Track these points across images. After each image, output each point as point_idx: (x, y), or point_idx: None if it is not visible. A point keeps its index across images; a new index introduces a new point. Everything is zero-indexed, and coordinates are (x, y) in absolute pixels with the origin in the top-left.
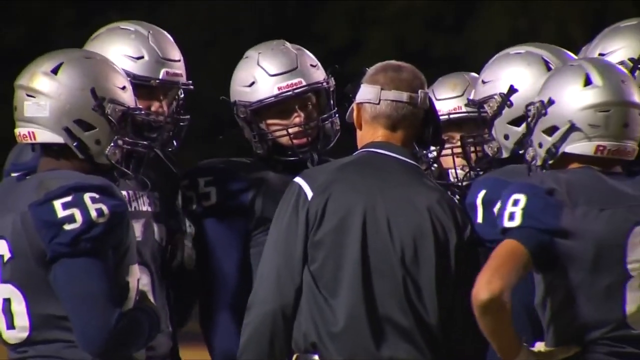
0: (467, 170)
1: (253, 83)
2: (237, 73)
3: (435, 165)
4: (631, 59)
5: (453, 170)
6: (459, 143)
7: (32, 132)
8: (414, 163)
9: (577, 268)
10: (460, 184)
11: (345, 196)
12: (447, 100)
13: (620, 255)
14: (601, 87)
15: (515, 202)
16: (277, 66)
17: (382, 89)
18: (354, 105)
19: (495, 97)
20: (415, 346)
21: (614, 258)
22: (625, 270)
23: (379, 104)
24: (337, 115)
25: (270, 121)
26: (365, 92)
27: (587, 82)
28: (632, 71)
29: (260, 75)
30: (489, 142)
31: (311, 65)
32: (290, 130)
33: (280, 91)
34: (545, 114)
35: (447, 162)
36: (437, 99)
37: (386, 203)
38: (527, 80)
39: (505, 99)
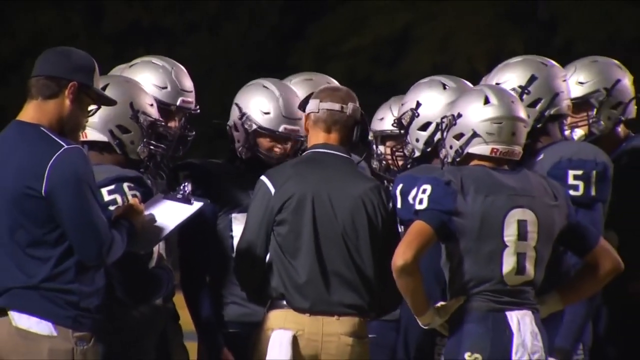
0: (395, 170)
1: (268, 113)
2: (254, 95)
3: (384, 162)
4: (520, 86)
5: (394, 166)
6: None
7: (85, 133)
8: (348, 157)
9: (467, 239)
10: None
11: (298, 186)
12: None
13: (499, 230)
14: (496, 105)
15: (424, 191)
16: (290, 112)
17: (320, 101)
18: (304, 117)
19: (408, 112)
20: (358, 293)
21: (495, 232)
22: (503, 241)
23: (318, 112)
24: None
25: (260, 139)
26: (310, 105)
27: (486, 101)
28: (520, 95)
29: (276, 112)
30: (406, 146)
31: (302, 117)
32: (274, 156)
33: (285, 131)
34: (455, 124)
35: (390, 159)
36: (384, 117)
37: (328, 189)
38: (429, 97)
39: (414, 112)
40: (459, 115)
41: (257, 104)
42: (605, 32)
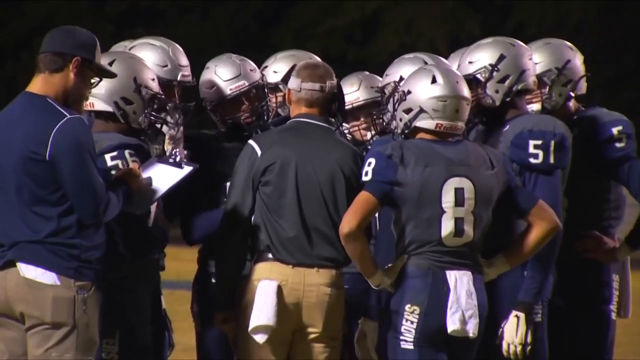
0: (373, 134)
1: (213, 86)
2: (202, 79)
3: (350, 136)
4: (490, 64)
5: (361, 137)
6: (362, 121)
7: (92, 103)
8: (327, 126)
9: (408, 206)
10: (367, 145)
11: (282, 151)
12: (349, 94)
13: (437, 197)
14: (442, 84)
15: (369, 164)
16: (228, 74)
17: (302, 81)
18: (286, 89)
19: (391, 83)
20: (335, 247)
21: (434, 199)
22: (441, 207)
23: (300, 91)
24: (268, 101)
25: (227, 110)
26: (292, 82)
27: (434, 80)
28: (490, 72)
29: (217, 81)
30: (386, 113)
31: (250, 70)
32: (242, 116)
33: (232, 91)
34: (405, 99)
35: (356, 134)
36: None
37: (310, 153)
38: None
39: (397, 84)
40: (409, 92)
41: (203, 84)
42: (554, 16)
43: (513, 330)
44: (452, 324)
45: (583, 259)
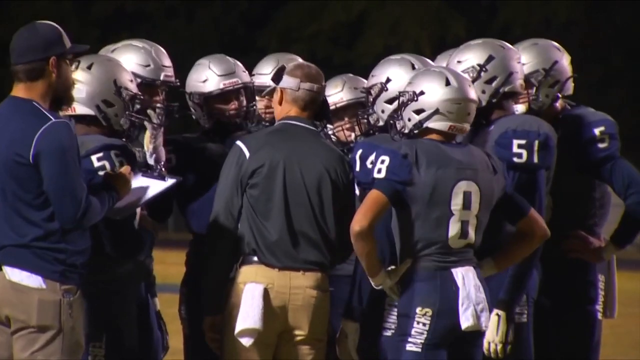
0: (357, 135)
1: (205, 80)
2: (192, 74)
3: (334, 137)
4: (478, 64)
5: (345, 138)
6: (346, 121)
7: (73, 107)
8: (315, 129)
9: (417, 205)
10: (351, 145)
11: (271, 153)
12: (333, 95)
13: (446, 199)
14: (456, 87)
15: (382, 161)
16: (222, 70)
17: (300, 81)
18: (277, 88)
19: (378, 84)
20: (320, 251)
21: (442, 200)
22: (449, 209)
23: (298, 90)
24: (256, 103)
25: (216, 105)
26: (288, 81)
27: (447, 82)
28: (478, 73)
29: (211, 75)
30: (372, 115)
31: (243, 71)
32: (231, 113)
33: (225, 86)
34: (416, 100)
35: (340, 134)
36: (327, 95)
37: (298, 157)
38: (399, 74)
39: (383, 85)
40: (421, 93)
41: (194, 78)
42: (540, 16)
43: (494, 329)
44: (466, 320)
45: (569, 258)
